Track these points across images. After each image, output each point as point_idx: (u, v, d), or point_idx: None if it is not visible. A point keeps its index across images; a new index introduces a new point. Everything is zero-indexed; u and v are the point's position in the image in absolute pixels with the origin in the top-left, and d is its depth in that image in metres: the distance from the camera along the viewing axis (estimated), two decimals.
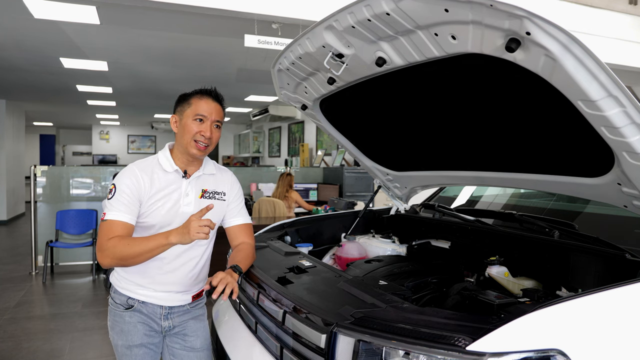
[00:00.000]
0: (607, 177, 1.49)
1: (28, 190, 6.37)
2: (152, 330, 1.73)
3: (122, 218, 1.59)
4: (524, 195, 2.76)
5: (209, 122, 1.68)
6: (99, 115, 14.36)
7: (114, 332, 1.73)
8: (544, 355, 1.04)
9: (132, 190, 1.62)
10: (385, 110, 2.05)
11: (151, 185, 1.65)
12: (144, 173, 1.66)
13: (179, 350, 1.80)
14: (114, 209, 1.60)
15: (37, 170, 6.05)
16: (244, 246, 1.83)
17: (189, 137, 1.66)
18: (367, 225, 2.77)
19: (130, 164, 1.70)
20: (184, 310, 1.78)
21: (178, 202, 1.69)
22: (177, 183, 1.70)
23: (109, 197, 1.63)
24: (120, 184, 1.62)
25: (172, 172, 1.70)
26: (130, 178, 1.63)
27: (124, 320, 1.70)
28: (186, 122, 1.67)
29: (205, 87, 1.73)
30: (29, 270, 5.85)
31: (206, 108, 1.67)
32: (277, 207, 5.37)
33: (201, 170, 1.75)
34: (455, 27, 1.28)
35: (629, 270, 1.53)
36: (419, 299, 1.77)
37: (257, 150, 14.30)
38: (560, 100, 1.25)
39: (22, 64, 6.60)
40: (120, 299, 1.71)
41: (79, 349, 3.51)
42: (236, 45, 5.12)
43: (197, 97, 1.69)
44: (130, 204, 1.61)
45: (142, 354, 1.71)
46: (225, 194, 1.81)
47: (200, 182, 1.75)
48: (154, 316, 1.73)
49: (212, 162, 1.83)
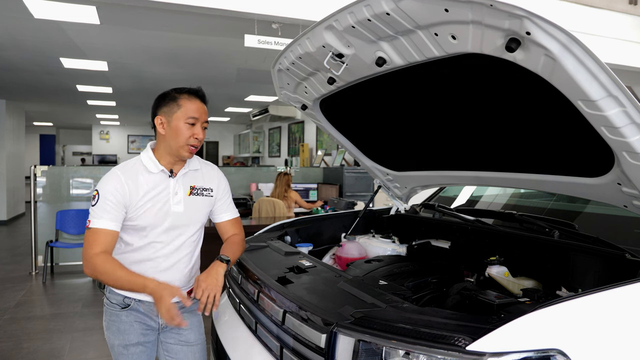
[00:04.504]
0: (607, 177, 1.49)
1: (28, 190, 6.37)
2: (148, 329, 1.73)
3: (106, 226, 1.58)
4: (524, 195, 2.76)
5: (199, 124, 1.66)
6: (99, 115, 14.36)
7: (110, 332, 1.72)
8: (543, 355, 1.04)
9: (116, 197, 1.59)
10: (386, 110, 2.05)
11: (137, 189, 1.63)
12: (128, 177, 1.62)
13: (173, 345, 1.79)
14: (98, 217, 1.58)
15: (37, 170, 6.05)
16: (234, 238, 1.86)
17: (183, 141, 1.63)
18: (367, 225, 2.77)
19: (113, 168, 1.67)
20: (179, 306, 1.78)
21: (168, 202, 1.67)
22: (164, 183, 1.68)
23: (92, 203, 1.60)
24: (103, 190, 1.59)
25: (157, 172, 1.67)
26: (113, 184, 1.60)
27: (120, 319, 1.70)
28: (177, 124, 1.63)
29: (192, 86, 1.70)
30: (29, 270, 5.85)
31: (196, 109, 1.64)
32: (277, 207, 5.37)
33: (186, 167, 1.73)
34: (455, 27, 1.28)
35: (629, 270, 1.53)
36: (419, 299, 1.77)
37: (257, 150, 14.31)
38: (560, 100, 1.25)
39: (22, 64, 6.60)
40: (116, 298, 1.71)
41: (79, 349, 3.51)
42: (236, 45, 5.12)
43: (185, 98, 1.65)
44: (115, 210, 1.59)
45: (139, 353, 1.71)
46: (213, 190, 1.81)
47: (187, 179, 1.74)
48: (151, 314, 1.72)
49: (195, 157, 1.80)
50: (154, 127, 1.69)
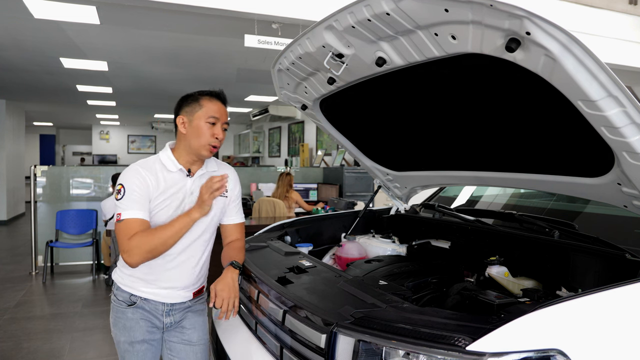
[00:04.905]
0: (607, 177, 1.49)
1: (28, 190, 6.37)
2: (153, 327, 1.75)
3: (138, 215, 1.61)
4: (524, 195, 2.76)
5: (220, 124, 1.71)
6: (99, 115, 14.36)
7: (116, 329, 1.75)
8: (543, 355, 1.04)
9: (141, 188, 1.63)
10: (386, 110, 2.05)
11: (157, 185, 1.67)
12: (149, 172, 1.67)
13: (175, 344, 1.81)
14: (128, 208, 1.61)
15: (37, 170, 6.05)
16: (238, 243, 1.88)
17: (204, 140, 1.68)
18: (367, 225, 2.77)
19: (132, 164, 1.70)
20: (185, 306, 1.81)
21: (183, 201, 1.71)
22: (181, 182, 1.72)
23: (117, 197, 1.63)
24: (128, 182, 1.63)
25: (176, 171, 1.71)
26: (136, 176, 1.64)
27: (126, 316, 1.72)
28: (198, 124, 1.68)
29: (213, 89, 1.76)
30: (29, 270, 5.85)
31: (217, 110, 1.71)
32: (277, 207, 5.37)
33: (204, 169, 1.78)
34: (455, 27, 1.28)
35: (629, 270, 1.53)
36: (419, 299, 1.77)
37: (257, 150, 14.30)
38: (560, 100, 1.25)
39: (22, 64, 6.60)
40: (123, 295, 1.73)
41: (79, 349, 3.51)
42: (236, 45, 5.12)
43: (206, 99, 1.71)
44: (142, 199, 1.63)
45: (144, 350, 1.74)
46: (228, 191, 1.84)
47: (204, 179, 1.77)
48: (155, 313, 1.75)
49: (213, 159, 1.85)
50: (176, 127, 1.74)
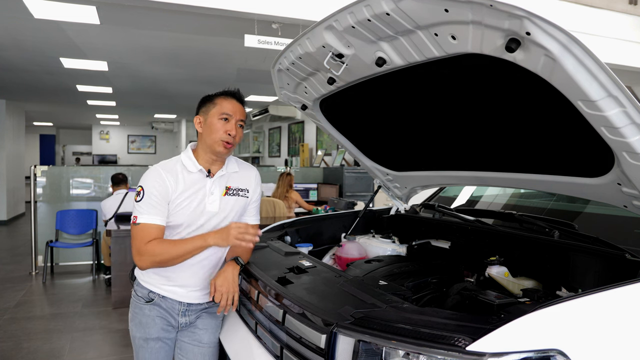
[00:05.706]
0: (607, 177, 1.49)
1: (28, 190, 6.37)
2: (169, 325, 1.77)
3: (154, 221, 1.64)
4: (524, 195, 2.76)
5: (233, 121, 1.73)
6: (99, 115, 14.36)
7: (133, 324, 1.78)
8: (543, 356, 1.03)
9: (160, 192, 1.66)
10: (386, 110, 2.05)
11: (176, 186, 1.69)
12: (169, 174, 1.69)
13: (186, 344, 1.83)
14: (145, 212, 1.64)
15: (37, 170, 6.05)
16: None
17: (217, 136, 1.70)
18: (367, 225, 2.77)
19: (153, 166, 1.75)
20: (201, 307, 1.83)
21: (203, 201, 1.73)
22: (201, 182, 1.74)
23: (137, 199, 1.67)
24: (147, 185, 1.66)
25: (196, 172, 1.74)
26: (156, 179, 1.67)
27: (143, 312, 1.75)
28: (212, 121, 1.72)
29: (229, 88, 1.79)
30: (29, 270, 5.85)
31: (231, 107, 1.73)
32: (277, 207, 5.36)
33: (224, 169, 1.80)
34: (455, 27, 1.28)
35: (629, 270, 1.53)
36: (419, 299, 1.77)
37: (257, 150, 14.30)
38: (560, 100, 1.25)
39: (22, 64, 6.60)
40: (142, 291, 1.76)
41: (79, 349, 3.51)
42: (236, 45, 5.12)
43: (221, 97, 1.75)
44: (160, 204, 1.66)
45: (157, 348, 1.75)
46: (249, 192, 1.86)
47: (223, 180, 1.79)
48: (172, 311, 1.77)
49: (234, 159, 1.87)
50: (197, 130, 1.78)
